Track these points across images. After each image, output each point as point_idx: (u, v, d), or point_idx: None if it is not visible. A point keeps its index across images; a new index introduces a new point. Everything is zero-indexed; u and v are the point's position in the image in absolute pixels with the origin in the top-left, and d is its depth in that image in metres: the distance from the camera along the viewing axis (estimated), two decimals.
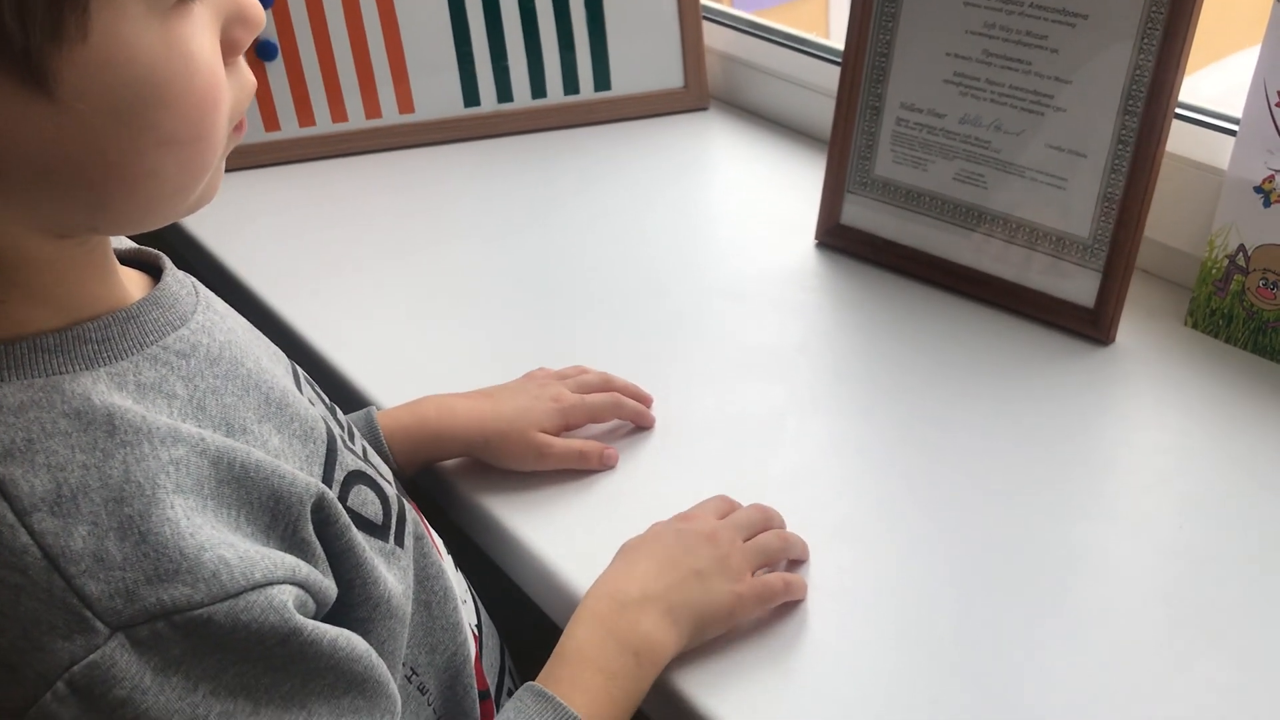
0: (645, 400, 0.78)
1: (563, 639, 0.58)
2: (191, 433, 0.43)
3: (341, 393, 0.84)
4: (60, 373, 0.42)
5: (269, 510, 0.45)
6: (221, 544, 0.42)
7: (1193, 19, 0.78)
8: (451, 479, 0.74)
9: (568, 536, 0.69)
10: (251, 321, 0.54)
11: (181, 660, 0.40)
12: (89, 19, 0.38)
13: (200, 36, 0.41)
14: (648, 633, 0.58)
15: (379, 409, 0.73)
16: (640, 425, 0.78)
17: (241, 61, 0.45)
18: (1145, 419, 0.79)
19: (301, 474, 0.47)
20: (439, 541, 0.63)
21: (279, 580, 0.43)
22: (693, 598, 0.60)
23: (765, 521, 0.66)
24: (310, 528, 0.46)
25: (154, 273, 0.49)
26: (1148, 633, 0.62)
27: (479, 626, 0.65)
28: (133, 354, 0.44)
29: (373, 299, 0.95)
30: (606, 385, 0.77)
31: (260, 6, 0.44)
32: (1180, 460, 0.74)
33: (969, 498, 0.71)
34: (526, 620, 0.71)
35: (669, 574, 0.60)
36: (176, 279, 0.49)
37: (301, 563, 0.45)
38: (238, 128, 0.46)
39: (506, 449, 0.72)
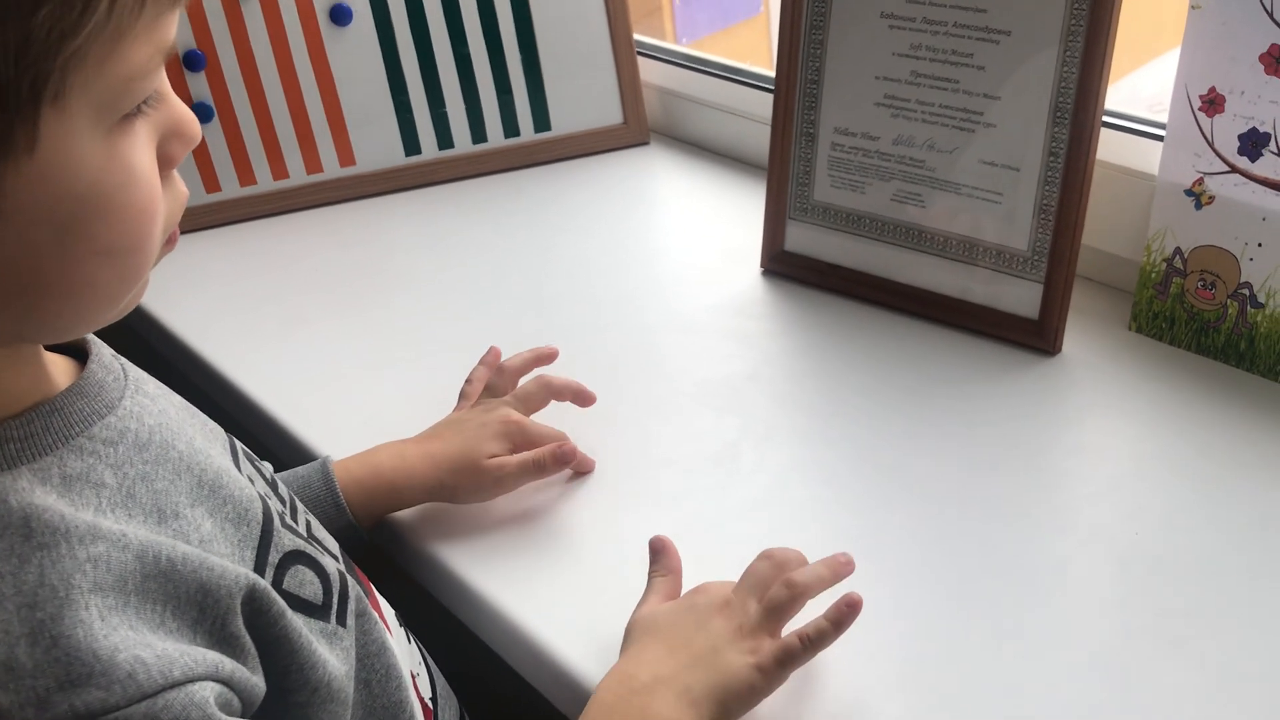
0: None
1: None
2: (113, 529, 0.43)
3: (296, 453, 0.83)
4: None
5: (196, 604, 0.44)
6: (138, 644, 0.41)
7: (1111, 28, 0.79)
8: (405, 533, 0.74)
9: (527, 583, 0.69)
10: (200, 386, 0.54)
11: None
12: (38, 133, 0.38)
13: (140, 151, 0.42)
14: (660, 717, 0.54)
15: (333, 460, 0.72)
16: (578, 400, 0.79)
17: (175, 174, 0.45)
18: (1096, 427, 0.80)
19: (231, 565, 0.46)
20: (388, 616, 0.62)
21: (199, 677, 0.42)
22: (709, 676, 0.55)
23: (776, 570, 0.61)
24: (240, 621, 0.46)
25: (81, 356, 0.49)
26: (1108, 642, 0.62)
27: (434, 699, 0.64)
28: (58, 447, 0.43)
29: (323, 354, 0.94)
30: (528, 369, 0.80)
31: (197, 123, 0.45)
32: (1132, 466, 0.75)
33: (926, 517, 0.71)
34: (491, 687, 0.70)
35: (680, 654, 0.57)
36: (103, 365, 0.48)
37: (225, 659, 0.44)
38: (170, 239, 0.46)
39: (465, 485, 0.72)
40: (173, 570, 0.43)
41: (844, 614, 0.57)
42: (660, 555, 0.64)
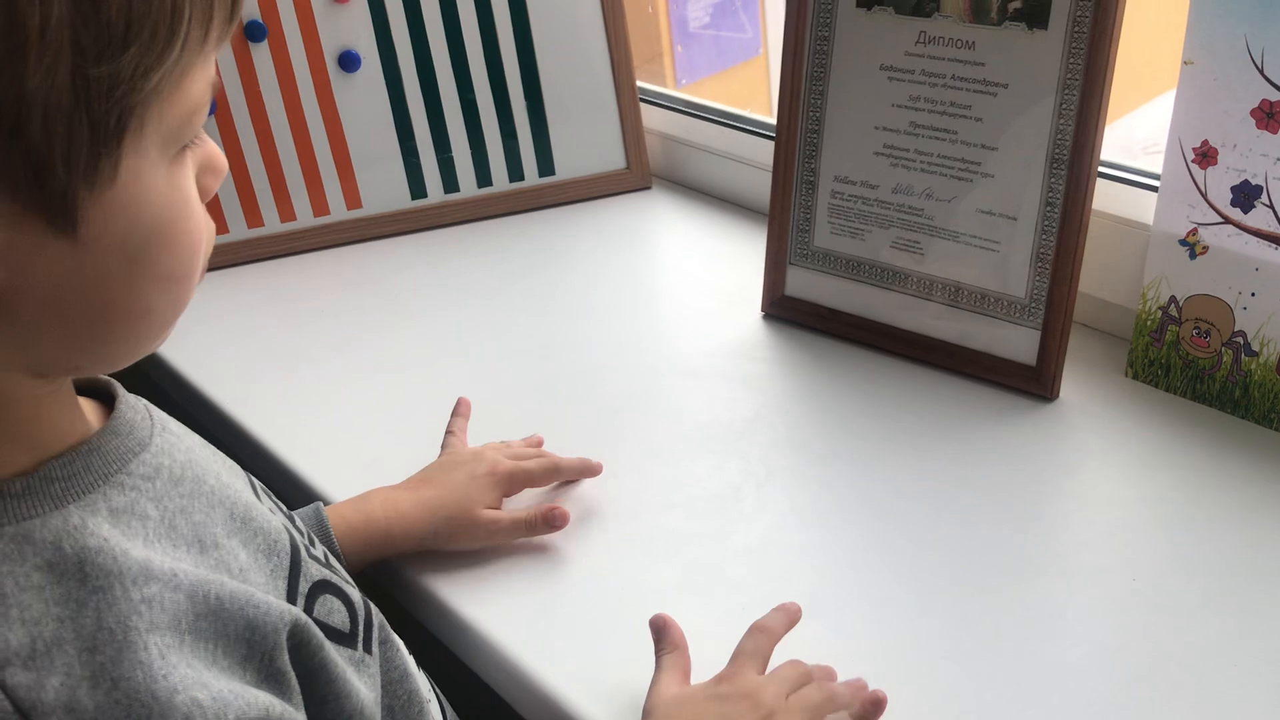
0: (593, 470, 0.80)
1: None
2: (163, 569, 0.43)
3: (302, 496, 0.84)
4: (29, 517, 0.42)
5: (245, 641, 0.45)
6: (195, 684, 0.42)
7: (1107, 80, 0.81)
8: (408, 573, 0.74)
9: (529, 625, 0.69)
10: (210, 429, 0.55)
11: None
12: (119, 164, 0.40)
13: (191, 182, 0.44)
14: None
15: (325, 504, 0.73)
16: (587, 475, 0.79)
17: (205, 209, 0.47)
18: (1093, 473, 0.81)
19: (275, 601, 0.47)
20: (403, 644, 0.63)
21: (252, 719, 0.43)
22: None
23: (806, 675, 0.60)
24: (286, 656, 0.46)
25: (105, 398, 0.50)
26: (1106, 689, 0.62)
27: None
28: (100, 485, 0.44)
29: (328, 396, 0.95)
30: (540, 451, 0.79)
31: (224, 157, 0.47)
32: (1129, 512, 0.76)
33: (924, 562, 0.72)
34: None
35: None
36: (130, 405, 0.49)
37: (276, 700, 0.45)
38: (202, 271, 0.47)
39: (456, 533, 0.73)
40: (221, 609, 0.44)
41: (868, 713, 0.59)
42: (663, 633, 0.63)
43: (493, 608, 0.71)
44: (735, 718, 0.57)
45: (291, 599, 0.50)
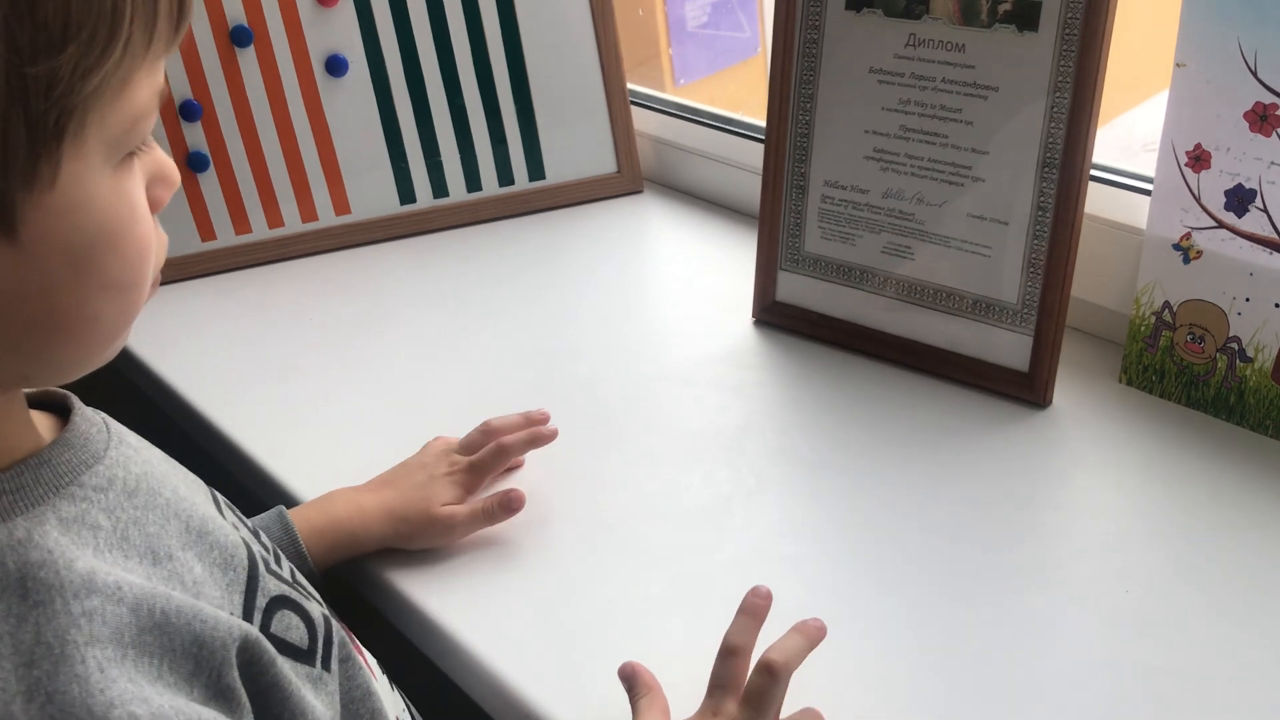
0: (537, 420, 0.80)
1: None
2: (107, 581, 0.43)
3: (285, 502, 0.83)
4: None
5: (192, 657, 0.44)
6: (134, 699, 0.41)
7: (1098, 81, 0.80)
8: (387, 582, 0.73)
9: (511, 635, 0.68)
10: (190, 434, 0.54)
11: None
12: (60, 167, 0.39)
13: (139, 189, 0.43)
14: None
15: (286, 507, 0.73)
16: (541, 444, 0.80)
17: (158, 220, 0.46)
18: (1086, 481, 0.80)
19: (225, 616, 0.46)
20: (371, 661, 0.62)
21: None
22: None
23: (761, 672, 0.59)
24: (235, 673, 0.46)
25: (62, 412, 0.49)
26: (1097, 701, 0.61)
27: None
28: (49, 497, 0.44)
29: (315, 402, 0.94)
30: (486, 436, 0.79)
31: (176, 168, 0.47)
32: (1122, 521, 0.75)
33: (914, 572, 0.71)
34: None
35: None
36: (85, 418, 0.49)
37: (222, 717, 0.44)
38: (154, 282, 0.47)
39: (416, 532, 0.74)
40: (167, 623, 0.44)
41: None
42: (634, 680, 0.62)
43: (479, 620, 0.70)
44: None
45: (248, 614, 0.49)
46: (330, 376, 0.98)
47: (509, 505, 0.75)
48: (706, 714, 0.59)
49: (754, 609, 0.61)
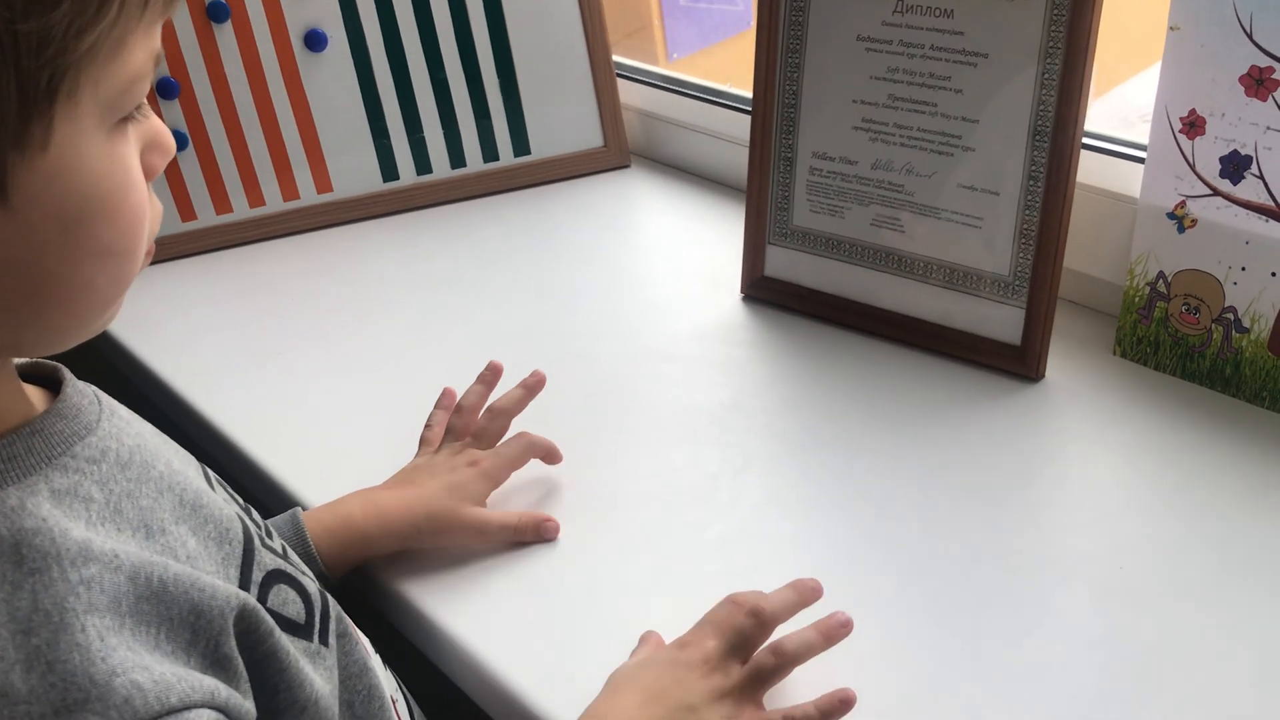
0: (554, 458, 0.78)
1: None
2: (104, 549, 0.42)
3: (270, 491, 0.82)
4: None
5: (189, 626, 0.44)
6: (135, 667, 0.40)
7: (1090, 47, 0.78)
8: (374, 570, 0.72)
9: (497, 620, 0.67)
10: (171, 416, 0.53)
11: None
12: (52, 129, 0.38)
13: (134, 155, 0.43)
14: None
15: (304, 509, 0.71)
16: (550, 461, 0.78)
17: (152, 189, 0.46)
18: (1080, 454, 0.79)
19: (222, 584, 0.46)
20: (364, 639, 0.61)
21: (196, 704, 0.42)
22: None
23: (751, 619, 0.59)
24: (233, 642, 0.45)
25: (52, 385, 0.49)
26: (1092, 676, 0.60)
27: None
28: (41, 467, 0.43)
29: (298, 383, 0.93)
30: (505, 425, 0.78)
31: (171, 136, 0.46)
32: (1117, 495, 0.74)
33: (906, 549, 0.70)
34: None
35: (654, 705, 0.56)
36: (77, 390, 0.48)
37: (221, 685, 0.44)
38: (148, 251, 0.47)
39: (442, 532, 0.71)
40: (164, 591, 0.43)
41: (834, 709, 0.57)
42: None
43: (461, 604, 0.69)
44: (684, 680, 0.57)
45: (245, 587, 0.49)
46: (313, 357, 0.96)
47: (542, 532, 0.72)
48: (684, 641, 0.60)
49: (803, 590, 0.61)
